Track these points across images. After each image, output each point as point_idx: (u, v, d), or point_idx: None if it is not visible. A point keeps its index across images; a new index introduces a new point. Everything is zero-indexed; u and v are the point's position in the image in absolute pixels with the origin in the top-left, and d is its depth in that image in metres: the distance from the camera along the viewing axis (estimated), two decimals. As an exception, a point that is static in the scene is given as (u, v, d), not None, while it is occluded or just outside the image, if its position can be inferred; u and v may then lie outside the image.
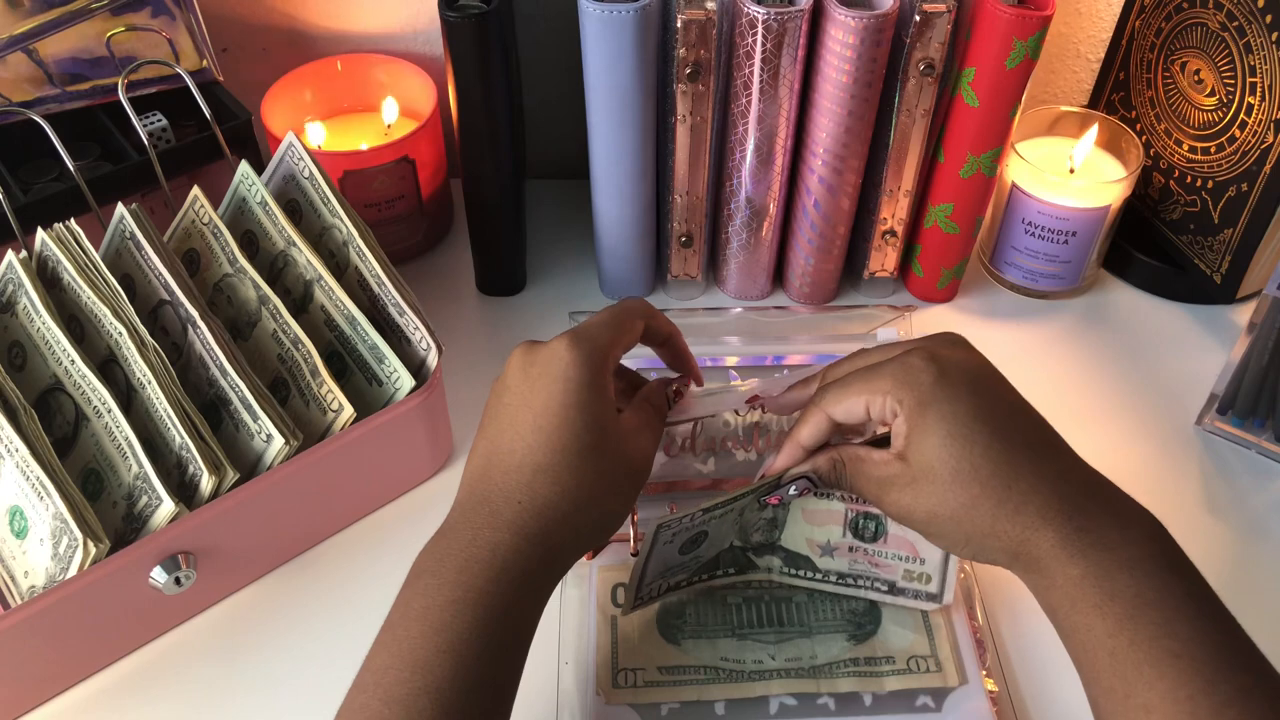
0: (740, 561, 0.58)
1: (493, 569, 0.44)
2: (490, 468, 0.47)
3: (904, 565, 0.56)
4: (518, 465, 0.46)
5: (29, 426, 0.54)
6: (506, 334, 0.74)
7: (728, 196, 0.70)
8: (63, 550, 0.52)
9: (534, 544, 0.45)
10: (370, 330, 0.60)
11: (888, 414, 0.47)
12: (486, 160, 0.69)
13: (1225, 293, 0.74)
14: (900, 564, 0.56)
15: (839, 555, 0.57)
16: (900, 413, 0.46)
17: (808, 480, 0.51)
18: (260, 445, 0.56)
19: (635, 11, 0.59)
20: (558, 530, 0.46)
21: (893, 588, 0.57)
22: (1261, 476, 0.66)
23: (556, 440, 0.46)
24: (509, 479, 0.46)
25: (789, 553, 0.58)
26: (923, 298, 0.77)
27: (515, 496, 0.46)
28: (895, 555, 0.56)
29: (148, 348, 0.56)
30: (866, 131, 0.66)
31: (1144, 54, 0.75)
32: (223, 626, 0.59)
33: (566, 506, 0.46)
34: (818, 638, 0.57)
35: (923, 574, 0.57)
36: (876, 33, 0.61)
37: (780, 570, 0.58)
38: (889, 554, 0.56)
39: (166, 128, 0.69)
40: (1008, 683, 0.56)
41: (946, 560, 0.56)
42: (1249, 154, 0.68)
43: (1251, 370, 0.65)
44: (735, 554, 0.58)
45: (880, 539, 0.56)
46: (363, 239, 0.61)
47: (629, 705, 0.54)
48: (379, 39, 0.79)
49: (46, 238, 0.59)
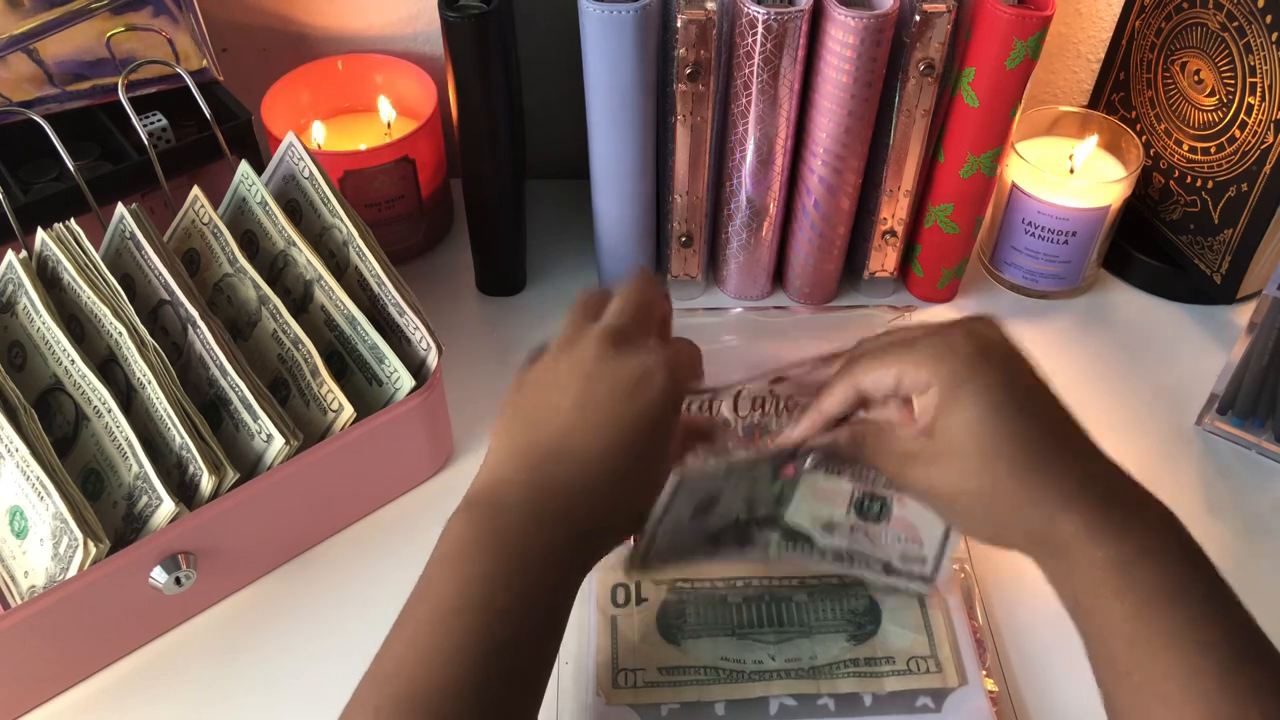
0: (741, 537, 0.58)
1: (553, 567, 0.43)
2: (560, 462, 0.45)
3: (901, 547, 0.56)
4: (593, 471, 0.45)
5: (29, 426, 0.54)
6: (506, 334, 0.74)
7: (728, 196, 0.70)
8: (63, 550, 0.52)
9: (593, 545, 0.45)
10: (370, 330, 0.60)
11: (920, 386, 0.46)
12: (486, 160, 0.69)
13: (1225, 293, 0.74)
14: (899, 545, 0.56)
15: (839, 534, 0.57)
16: (934, 386, 0.46)
17: (824, 453, 0.50)
18: (260, 445, 0.57)
19: (635, 11, 0.59)
20: (609, 533, 0.47)
21: (888, 568, 0.57)
22: (1261, 476, 0.66)
23: (633, 457, 0.45)
24: (582, 483, 0.45)
25: (789, 529, 0.58)
26: (923, 298, 0.77)
27: (587, 501, 0.45)
28: (895, 537, 0.56)
29: (148, 348, 0.56)
30: (866, 131, 0.66)
31: (1144, 54, 0.75)
32: (223, 626, 0.59)
33: (622, 514, 0.47)
34: (818, 638, 0.57)
35: (920, 556, 0.57)
36: (876, 33, 0.61)
37: (778, 545, 0.58)
38: (889, 535, 0.56)
39: (166, 128, 0.69)
40: (1008, 683, 0.56)
41: (944, 543, 0.56)
42: (1249, 154, 0.68)
43: (1251, 370, 0.65)
44: (739, 528, 0.57)
45: (884, 519, 0.56)
46: (363, 239, 0.61)
47: (629, 706, 0.54)
48: (379, 39, 0.79)
49: (46, 238, 0.59)
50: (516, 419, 0.47)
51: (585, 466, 0.45)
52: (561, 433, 0.45)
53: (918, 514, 0.56)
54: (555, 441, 0.45)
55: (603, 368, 0.46)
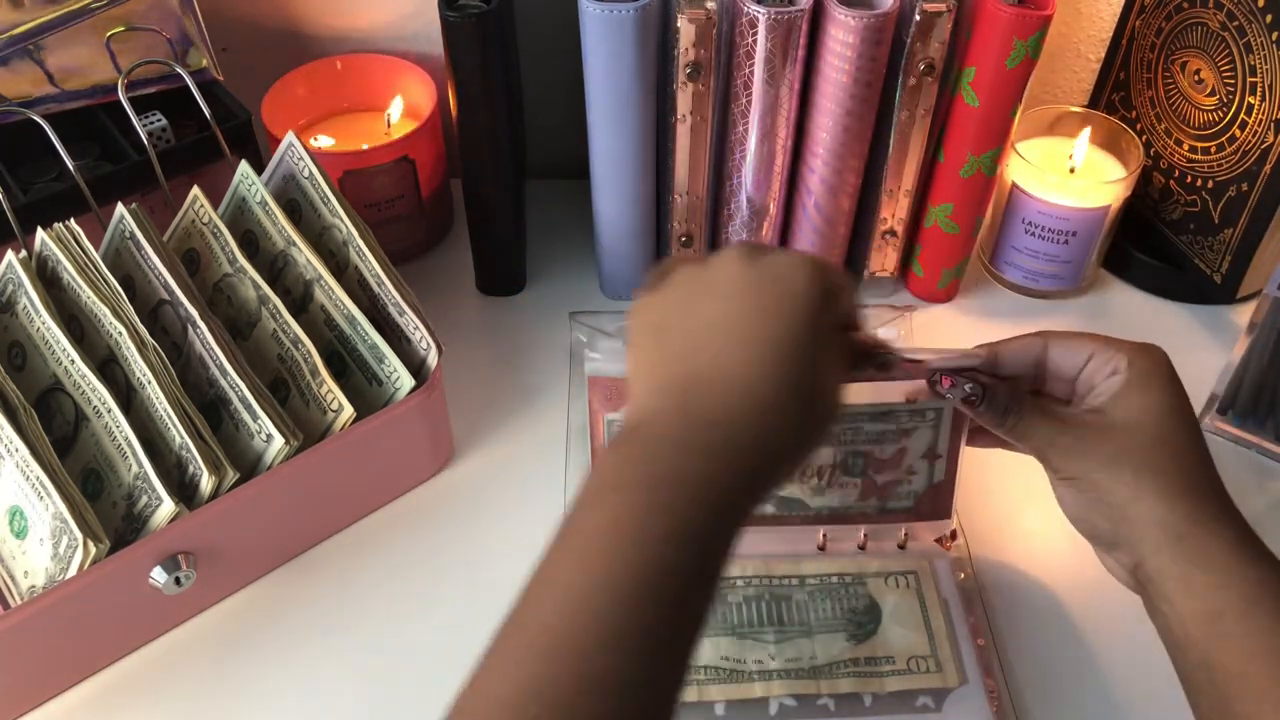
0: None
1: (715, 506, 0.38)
2: (711, 387, 0.41)
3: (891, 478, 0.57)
4: (752, 391, 0.41)
5: (29, 426, 0.54)
6: (506, 334, 0.74)
7: (728, 196, 0.70)
8: (63, 550, 0.52)
9: (748, 483, 0.40)
10: (370, 330, 0.60)
11: (1108, 370, 0.48)
12: (486, 160, 0.69)
13: (1225, 293, 0.74)
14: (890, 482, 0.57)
15: (831, 492, 0.57)
16: (1123, 372, 0.47)
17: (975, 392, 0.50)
18: (260, 445, 0.57)
19: (635, 11, 0.59)
20: (770, 472, 0.42)
21: (882, 509, 0.58)
22: (1261, 476, 0.66)
23: (793, 374, 0.41)
24: (740, 404, 0.40)
25: (781, 499, 0.58)
26: (923, 297, 0.77)
27: (751, 423, 0.40)
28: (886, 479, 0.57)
29: (148, 348, 0.56)
30: (866, 131, 0.66)
31: (1144, 54, 0.75)
32: (223, 626, 0.59)
33: (784, 448, 0.42)
34: (818, 637, 0.57)
35: (910, 493, 0.58)
36: (877, 32, 0.61)
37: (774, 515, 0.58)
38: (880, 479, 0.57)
39: (166, 128, 0.69)
40: (1008, 683, 0.56)
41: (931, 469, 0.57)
42: (1249, 154, 0.68)
43: (1252, 370, 0.65)
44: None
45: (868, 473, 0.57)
46: (363, 239, 0.61)
47: (629, 705, 0.54)
48: (379, 39, 0.79)
49: (46, 238, 0.59)
50: (658, 347, 0.43)
51: (746, 390, 0.41)
52: (713, 356, 0.41)
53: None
54: (707, 367, 0.41)
55: (745, 277, 0.43)
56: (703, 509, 0.38)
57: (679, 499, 0.38)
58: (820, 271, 0.43)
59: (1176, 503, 0.44)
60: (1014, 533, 0.63)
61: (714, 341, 0.42)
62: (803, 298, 0.42)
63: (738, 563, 0.59)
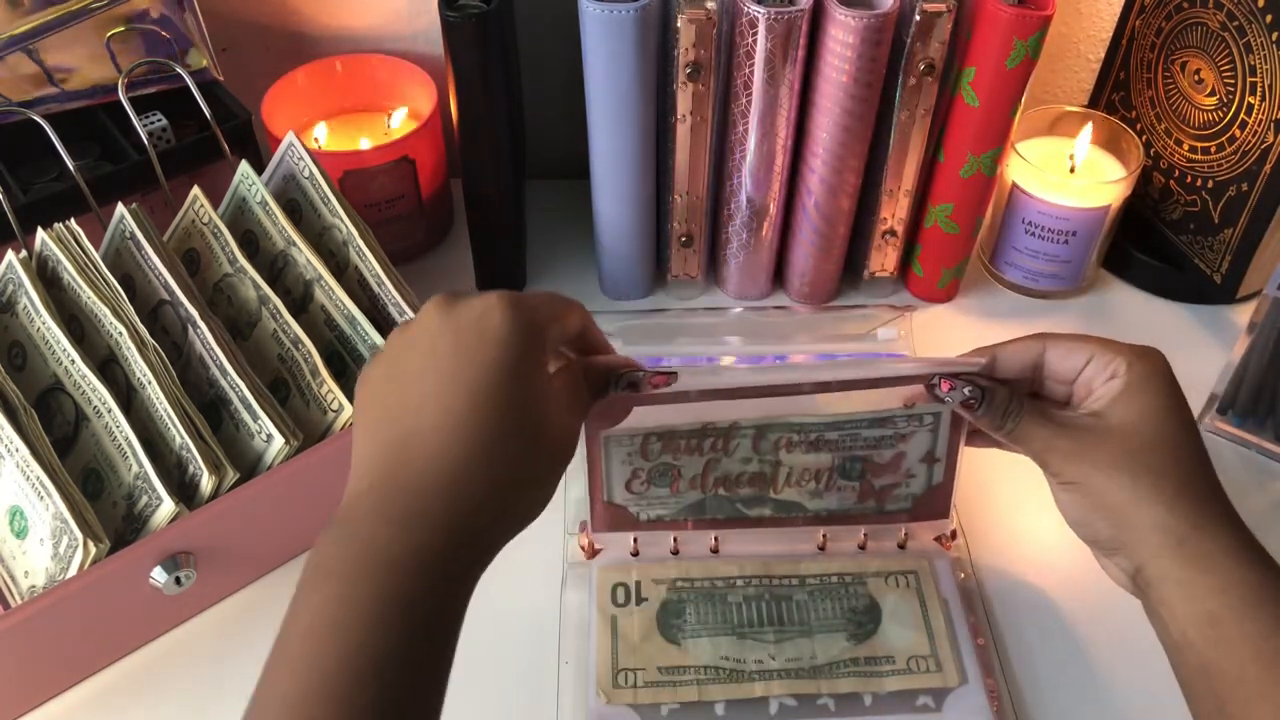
0: (728, 510, 0.58)
1: (421, 574, 0.38)
2: (408, 450, 0.40)
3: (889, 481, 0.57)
4: (446, 450, 0.39)
5: (29, 426, 0.54)
6: (506, 334, 0.74)
7: (728, 196, 0.70)
8: (63, 550, 0.52)
9: (467, 543, 0.39)
10: (370, 330, 0.60)
11: (1107, 374, 0.47)
12: (486, 160, 0.69)
13: (1225, 293, 0.74)
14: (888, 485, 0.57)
15: (829, 495, 0.57)
16: (1121, 375, 0.47)
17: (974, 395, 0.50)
18: (260, 445, 0.57)
19: (635, 11, 0.59)
20: (492, 526, 0.40)
21: (880, 511, 0.58)
22: (1262, 476, 0.66)
23: (494, 424, 0.40)
24: (434, 466, 0.39)
25: (779, 502, 0.58)
26: (923, 297, 0.77)
27: (444, 489, 0.39)
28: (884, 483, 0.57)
29: (148, 348, 0.56)
30: (866, 131, 0.66)
31: (1144, 54, 0.75)
32: (223, 626, 0.59)
33: (501, 499, 0.40)
34: (818, 637, 0.57)
35: (908, 495, 0.57)
36: (877, 32, 0.61)
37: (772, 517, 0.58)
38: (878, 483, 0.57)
39: (166, 128, 0.69)
40: (1008, 683, 0.56)
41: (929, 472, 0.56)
42: (1249, 154, 0.68)
43: (1252, 370, 0.65)
44: (721, 503, 0.57)
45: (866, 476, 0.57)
46: (363, 239, 0.61)
47: (629, 706, 0.54)
48: (379, 39, 0.79)
49: (46, 238, 0.59)
50: (373, 409, 0.42)
51: (440, 447, 0.39)
52: (408, 414, 0.40)
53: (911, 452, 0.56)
54: (402, 426, 0.40)
55: (441, 326, 0.41)
56: (434, 589, 0.38)
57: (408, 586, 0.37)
58: (516, 308, 0.42)
59: (1176, 507, 0.44)
60: (1014, 533, 0.63)
61: (416, 399, 0.41)
62: (498, 339, 0.41)
63: (737, 563, 0.59)
